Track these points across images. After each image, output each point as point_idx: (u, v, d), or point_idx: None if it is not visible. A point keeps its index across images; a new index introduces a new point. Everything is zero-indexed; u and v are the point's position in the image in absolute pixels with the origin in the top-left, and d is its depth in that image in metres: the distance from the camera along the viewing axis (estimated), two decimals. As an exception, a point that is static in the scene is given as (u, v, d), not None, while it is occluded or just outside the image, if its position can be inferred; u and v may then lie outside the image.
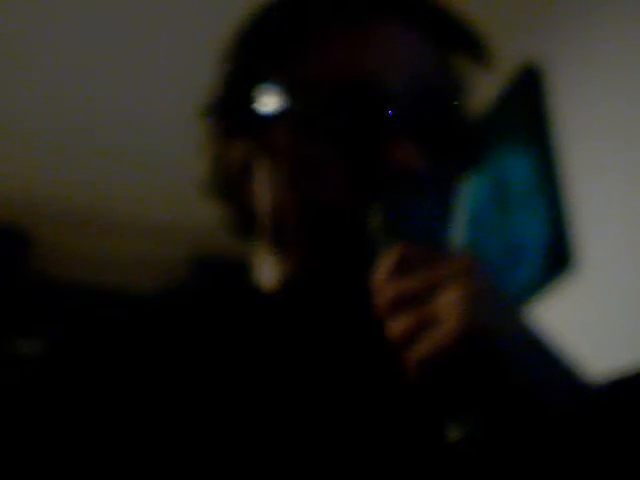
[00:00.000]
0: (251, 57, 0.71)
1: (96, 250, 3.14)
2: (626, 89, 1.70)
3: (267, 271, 0.70)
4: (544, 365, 0.52)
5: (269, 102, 0.67)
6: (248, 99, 0.69)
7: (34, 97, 2.52)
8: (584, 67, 1.83)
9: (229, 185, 0.72)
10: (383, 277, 0.54)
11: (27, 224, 3.02)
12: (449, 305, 0.50)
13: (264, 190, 0.68)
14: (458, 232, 0.66)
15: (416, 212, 0.60)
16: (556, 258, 1.80)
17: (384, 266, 0.54)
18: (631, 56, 1.69)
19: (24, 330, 2.64)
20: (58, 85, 2.48)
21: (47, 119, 2.60)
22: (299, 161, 0.65)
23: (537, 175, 1.89)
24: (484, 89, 2.03)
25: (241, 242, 0.73)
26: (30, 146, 2.72)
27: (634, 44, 1.68)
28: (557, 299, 1.81)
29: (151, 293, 0.74)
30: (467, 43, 0.72)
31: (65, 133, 2.67)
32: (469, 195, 0.70)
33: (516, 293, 1.91)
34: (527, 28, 2.00)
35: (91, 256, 3.13)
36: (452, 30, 0.71)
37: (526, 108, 1.96)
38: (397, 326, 0.51)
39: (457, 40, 0.71)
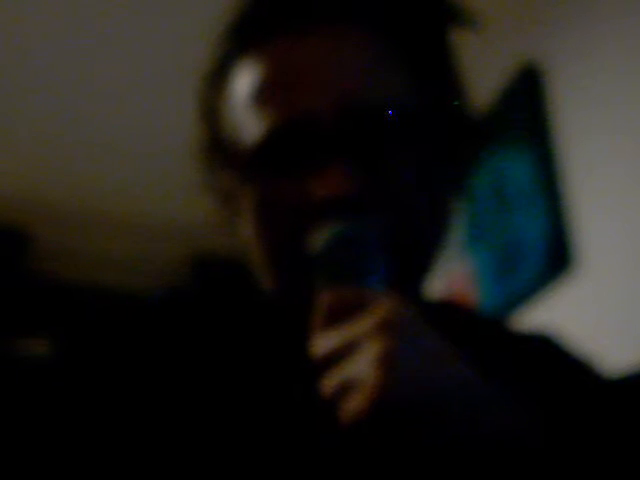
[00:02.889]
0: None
1: (96, 250, 3.14)
2: (626, 89, 1.70)
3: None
4: (487, 404, 0.50)
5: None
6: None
7: (34, 97, 2.52)
8: (584, 67, 1.83)
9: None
10: (317, 328, 0.53)
11: (27, 224, 3.02)
12: (366, 367, 0.48)
13: (243, 223, 0.66)
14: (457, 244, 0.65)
15: (361, 240, 0.57)
16: (556, 258, 1.80)
17: (317, 316, 0.53)
18: (631, 55, 1.69)
19: (24, 330, 2.64)
20: (58, 85, 2.48)
21: (47, 119, 2.61)
22: (259, 199, 0.63)
23: (537, 175, 1.89)
24: (484, 89, 2.03)
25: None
26: (30, 146, 2.73)
27: (634, 44, 1.68)
28: (557, 299, 1.81)
29: (153, 295, 0.74)
30: (436, 15, 0.66)
31: (65, 133, 2.67)
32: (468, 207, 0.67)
33: (516, 293, 1.91)
34: (527, 28, 2.00)
35: (91, 256, 3.14)
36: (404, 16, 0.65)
37: (526, 108, 1.96)
38: (326, 383, 0.50)
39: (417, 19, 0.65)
